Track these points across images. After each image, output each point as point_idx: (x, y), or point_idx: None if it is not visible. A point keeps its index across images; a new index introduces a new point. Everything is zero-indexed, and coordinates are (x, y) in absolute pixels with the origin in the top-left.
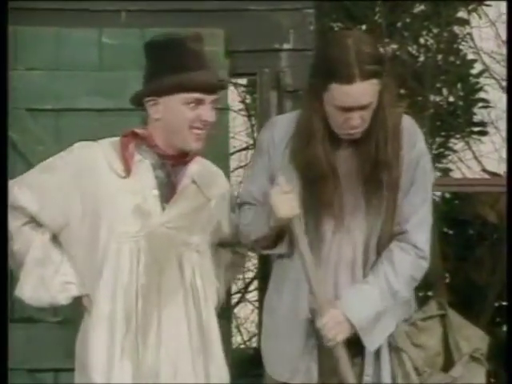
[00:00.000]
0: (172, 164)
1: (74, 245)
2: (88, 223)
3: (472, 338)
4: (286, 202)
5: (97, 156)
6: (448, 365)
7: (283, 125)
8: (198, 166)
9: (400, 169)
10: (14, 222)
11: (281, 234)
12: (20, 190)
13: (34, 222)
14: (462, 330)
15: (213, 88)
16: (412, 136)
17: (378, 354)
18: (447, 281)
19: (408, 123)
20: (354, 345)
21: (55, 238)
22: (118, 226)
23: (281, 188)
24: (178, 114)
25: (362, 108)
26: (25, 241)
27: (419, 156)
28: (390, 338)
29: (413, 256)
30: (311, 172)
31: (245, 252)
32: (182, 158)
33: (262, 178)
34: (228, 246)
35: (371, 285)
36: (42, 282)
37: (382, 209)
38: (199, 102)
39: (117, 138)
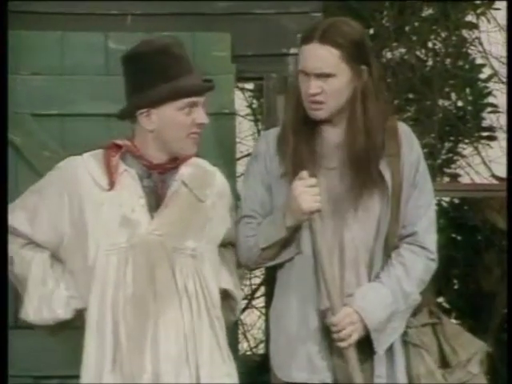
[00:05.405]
0: (159, 172)
1: (70, 260)
2: (78, 239)
3: (468, 345)
4: (311, 195)
5: (79, 171)
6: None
7: (277, 135)
8: (190, 168)
9: (400, 171)
10: (13, 246)
11: (290, 237)
12: (13, 214)
13: (33, 243)
14: (458, 337)
15: (202, 90)
16: (409, 140)
17: (391, 353)
18: (455, 287)
19: (405, 128)
20: (364, 346)
21: (55, 256)
22: (105, 238)
23: (305, 181)
24: (174, 122)
25: (320, 76)
26: (25, 263)
27: (418, 160)
28: (405, 336)
29: (423, 258)
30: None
31: None
32: (171, 164)
33: (259, 189)
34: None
35: (385, 285)
36: (43, 300)
37: (385, 209)
38: (193, 106)
39: (100, 150)
